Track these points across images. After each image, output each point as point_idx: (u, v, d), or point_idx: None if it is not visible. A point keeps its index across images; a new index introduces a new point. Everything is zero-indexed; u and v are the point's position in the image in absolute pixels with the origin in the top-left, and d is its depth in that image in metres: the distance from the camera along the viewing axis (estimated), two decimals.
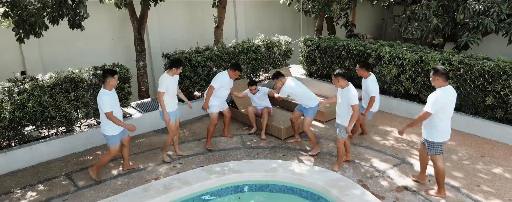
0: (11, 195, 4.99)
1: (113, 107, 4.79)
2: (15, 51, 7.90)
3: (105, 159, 5.15)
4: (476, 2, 7.33)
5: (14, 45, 7.81)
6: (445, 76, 4.35)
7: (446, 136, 4.55)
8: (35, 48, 7.84)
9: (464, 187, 4.96)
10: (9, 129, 5.53)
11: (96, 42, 8.81)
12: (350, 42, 8.15)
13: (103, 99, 4.69)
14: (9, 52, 7.80)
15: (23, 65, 7.98)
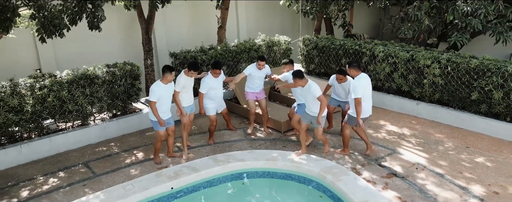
0: (34, 181, 5.47)
1: (160, 99, 5.26)
2: (31, 50, 8.39)
3: (156, 145, 5.62)
4: (464, 3, 7.80)
5: (30, 45, 8.31)
6: (357, 67, 5.54)
7: (366, 114, 5.63)
8: (50, 47, 8.33)
9: (448, 174, 5.44)
10: (31, 122, 6.02)
11: (106, 42, 9.28)
12: (346, 42, 8.63)
13: (153, 90, 5.22)
14: (25, 51, 8.28)
15: (39, 63, 8.47)
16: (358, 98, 5.40)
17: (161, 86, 5.34)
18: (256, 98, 6.73)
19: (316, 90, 5.32)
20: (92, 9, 5.32)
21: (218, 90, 6.18)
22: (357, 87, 5.44)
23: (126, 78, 6.86)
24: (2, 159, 5.78)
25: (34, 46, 8.32)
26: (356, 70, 5.67)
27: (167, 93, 5.47)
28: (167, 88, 5.43)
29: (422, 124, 7.24)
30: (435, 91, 7.26)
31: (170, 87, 5.51)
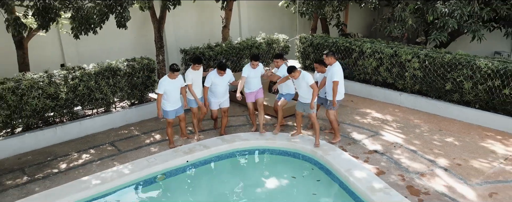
0: (69, 156, 6.45)
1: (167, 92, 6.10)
2: (56, 47, 9.36)
3: (167, 131, 6.49)
4: (443, 5, 8.78)
5: (55, 42, 9.27)
6: (332, 55, 6.45)
7: (341, 96, 6.53)
8: (72, 44, 9.30)
9: (420, 150, 6.41)
10: (64, 107, 6.99)
11: (122, 40, 10.20)
12: (338, 40, 9.61)
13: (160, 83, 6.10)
14: (51, 48, 9.25)
15: (63, 58, 9.44)
16: (336, 81, 6.28)
17: (168, 81, 6.12)
18: (255, 97, 7.02)
19: (309, 79, 6.24)
20: (120, 10, 6.30)
21: (220, 87, 6.67)
22: (336, 72, 6.32)
23: (143, 71, 7.83)
24: (40, 138, 6.76)
25: (59, 43, 9.29)
26: (334, 58, 6.45)
27: (174, 87, 6.22)
28: (174, 83, 6.20)
29: (403, 111, 8.22)
30: (415, 83, 8.24)
31: (177, 83, 6.26)
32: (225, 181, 6.00)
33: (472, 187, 5.30)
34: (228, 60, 9.22)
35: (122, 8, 6.24)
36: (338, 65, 6.48)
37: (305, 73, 6.27)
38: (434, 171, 5.75)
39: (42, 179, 5.72)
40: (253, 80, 6.93)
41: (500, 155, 6.19)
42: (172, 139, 6.62)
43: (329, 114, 6.63)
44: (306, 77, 6.20)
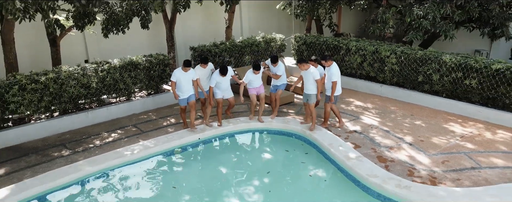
0: (101, 135, 7.76)
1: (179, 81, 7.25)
2: (81, 44, 10.66)
3: (181, 115, 7.70)
4: (418, 9, 10.08)
5: (80, 40, 10.57)
6: (330, 58, 7.42)
7: (339, 92, 7.59)
8: (95, 42, 10.60)
9: (392, 130, 7.72)
10: (94, 95, 8.30)
11: (137, 38, 11.46)
12: (328, 39, 10.92)
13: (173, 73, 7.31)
14: (77, 45, 10.54)
15: (86, 54, 10.74)
16: (335, 81, 7.48)
17: (181, 72, 7.31)
18: (257, 93, 8.07)
19: (316, 74, 7.35)
20: (144, 14, 7.61)
21: (223, 84, 7.70)
22: (334, 73, 7.53)
23: (159, 66, 9.14)
24: (75, 121, 8.06)
25: (83, 41, 10.59)
26: (331, 61, 7.55)
27: (185, 79, 7.35)
28: (185, 75, 7.36)
29: (383, 100, 9.54)
30: (393, 76, 9.55)
31: (188, 75, 7.40)
32: (230, 153, 7.32)
33: (429, 157, 6.62)
34: (231, 57, 10.52)
35: (146, 12, 7.55)
36: (335, 66, 7.52)
37: (313, 69, 7.41)
38: (400, 145, 7.07)
39: (81, 152, 7.03)
40: (255, 82, 8.00)
41: (458, 134, 7.51)
42: (185, 121, 7.90)
43: (326, 106, 7.75)
44: (314, 73, 7.35)
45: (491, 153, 6.70)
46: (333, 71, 7.49)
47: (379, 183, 5.67)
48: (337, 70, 7.55)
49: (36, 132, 7.61)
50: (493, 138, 7.29)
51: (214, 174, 6.54)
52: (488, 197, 5.26)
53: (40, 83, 7.40)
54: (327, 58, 7.54)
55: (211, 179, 6.39)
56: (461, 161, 6.45)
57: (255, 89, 8.11)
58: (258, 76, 7.91)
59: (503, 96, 7.81)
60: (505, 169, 6.14)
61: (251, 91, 8.11)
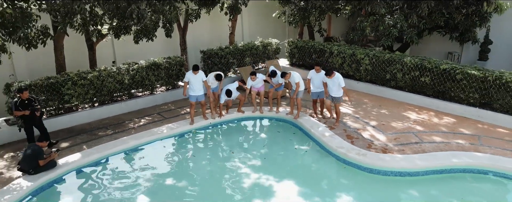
0: (133, 120, 9.87)
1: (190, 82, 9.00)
2: (109, 48, 12.79)
3: (190, 111, 9.59)
4: (389, 19, 12.19)
5: (109, 45, 12.68)
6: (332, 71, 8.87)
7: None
8: (122, 47, 12.71)
9: (362, 117, 9.85)
10: (126, 89, 10.41)
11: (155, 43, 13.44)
12: (315, 44, 13.05)
13: (186, 75, 9.22)
14: (106, 49, 12.67)
15: (114, 56, 12.86)
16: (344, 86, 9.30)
17: (191, 74, 9.06)
18: (259, 91, 9.89)
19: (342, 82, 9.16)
20: (168, 26, 9.74)
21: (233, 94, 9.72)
22: (342, 80, 9.35)
23: (176, 66, 11.25)
24: (111, 110, 10.18)
25: (111, 45, 12.71)
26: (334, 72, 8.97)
27: (195, 80, 9.06)
28: (196, 77, 9.12)
29: (359, 94, 11.66)
30: (367, 74, 11.68)
31: (198, 77, 9.15)
32: (235, 133, 9.46)
33: (385, 135, 8.75)
34: (234, 59, 12.63)
35: (169, 24, 9.70)
36: (339, 75, 8.97)
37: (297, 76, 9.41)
38: (366, 128, 9.20)
39: (121, 132, 9.15)
40: (256, 85, 9.84)
41: (412, 119, 9.64)
42: (192, 117, 9.69)
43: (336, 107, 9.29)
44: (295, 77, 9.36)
45: (433, 133, 8.84)
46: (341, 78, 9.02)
47: (344, 152, 7.79)
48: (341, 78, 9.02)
49: (83, 118, 9.73)
50: (438, 122, 9.44)
51: (223, 147, 8.69)
52: (418, 161, 7.40)
53: (87, 80, 9.52)
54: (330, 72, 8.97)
55: (221, 150, 8.54)
56: (409, 138, 8.59)
57: (256, 89, 10.00)
58: (257, 81, 9.73)
59: (449, 90, 9.95)
60: (440, 144, 8.28)
61: (253, 90, 10.03)
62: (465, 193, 6.86)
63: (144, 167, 7.81)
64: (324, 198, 6.72)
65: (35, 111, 7.67)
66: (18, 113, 7.53)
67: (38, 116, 7.85)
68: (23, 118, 7.72)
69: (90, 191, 7.00)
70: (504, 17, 13.98)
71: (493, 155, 7.65)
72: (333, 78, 8.95)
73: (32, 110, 7.59)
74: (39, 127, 8.01)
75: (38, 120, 7.96)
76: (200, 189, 7.10)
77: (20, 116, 7.73)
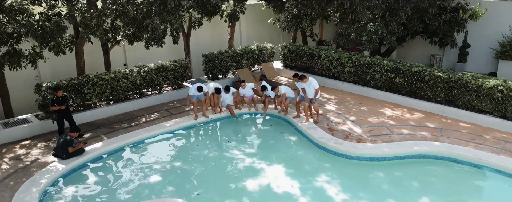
0: (144, 116, 11.33)
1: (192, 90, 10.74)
2: (121, 52, 14.25)
3: (193, 108, 11.14)
4: (371, 26, 13.67)
5: (121, 49, 14.15)
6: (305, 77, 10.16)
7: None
8: (131, 51, 14.18)
9: (343, 113, 11.32)
10: (137, 89, 11.89)
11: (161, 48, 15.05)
12: (305, 48, 14.53)
13: (189, 87, 10.86)
14: (118, 53, 14.14)
15: (125, 59, 14.33)
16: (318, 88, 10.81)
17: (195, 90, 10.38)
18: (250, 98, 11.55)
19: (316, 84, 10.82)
20: (175, 34, 11.22)
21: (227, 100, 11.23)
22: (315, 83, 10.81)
23: (181, 68, 12.72)
24: (125, 107, 11.65)
25: (123, 50, 14.17)
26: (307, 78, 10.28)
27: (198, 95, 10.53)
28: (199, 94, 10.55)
29: (343, 94, 13.13)
30: (351, 75, 13.15)
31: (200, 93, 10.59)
32: (234, 126, 10.91)
33: (361, 128, 10.21)
34: (233, 61, 14.09)
35: (176, 32, 11.18)
36: (313, 79, 10.39)
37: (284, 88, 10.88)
38: (345, 122, 10.67)
39: (135, 126, 10.62)
40: (246, 93, 11.41)
41: (386, 115, 11.11)
42: (196, 114, 11.16)
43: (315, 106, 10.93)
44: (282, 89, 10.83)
45: (403, 126, 10.31)
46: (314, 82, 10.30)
47: (325, 142, 9.26)
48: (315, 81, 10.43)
49: (101, 114, 11.20)
50: (409, 117, 10.91)
51: (223, 137, 10.16)
52: (386, 148, 8.87)
53: (105, 81, 10.99)
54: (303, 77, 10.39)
55: (221, 140, 10.00)
56: (381, 130, 10.06)
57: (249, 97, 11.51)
58: (247, 89, 11.42)
59: (420, 89, 11.42)
60: (406, 135, 9.75)
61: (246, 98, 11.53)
62: (423, 174, 8.32)
63: (154, 154, 9.29)
64: (306, 178, 8.18)
65: (68, 106, 9.17)
66: (54, 108, 9.02)
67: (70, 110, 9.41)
68: (57, 112, 9.20)
69: (111, 173, 8.47)
70: (481, 23, 15.48)
71: (450, 144, 9.12)
72: (308, 82, 10.24)
73: (66, 106, 9.08)
74: (69, 120, 9.49)
75: (69, 114, 9.45)
76: (203, 172, 8.56)
77: (55, 110, 9.21)
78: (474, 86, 10.21)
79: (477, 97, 10.26)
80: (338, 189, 7.71)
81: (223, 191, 7.73)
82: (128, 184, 8.04)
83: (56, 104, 9.00)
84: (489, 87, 9.93)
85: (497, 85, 9.81)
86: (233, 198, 7.50)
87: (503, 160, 8.27)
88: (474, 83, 10.21)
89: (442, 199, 7.40)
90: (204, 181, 8.20)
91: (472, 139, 9.45)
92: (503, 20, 15.33)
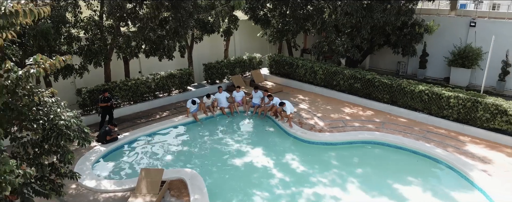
0: (158, 113, 14.58)
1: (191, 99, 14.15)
2: (136, 62, 17.50)
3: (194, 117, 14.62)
4: (338, 40, 16.94)
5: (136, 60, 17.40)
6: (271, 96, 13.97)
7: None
8: (146, 61, 17.42)
9: (312, 111, 14.60)
10: (152, 92, 15.15)
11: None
12: (286, 58, 17.82)
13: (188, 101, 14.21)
14: (134, 63, 17.35)
15: (140, 67, 17.58)
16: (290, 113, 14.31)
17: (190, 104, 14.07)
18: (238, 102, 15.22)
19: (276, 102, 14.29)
20: (182, 48, 14.48)
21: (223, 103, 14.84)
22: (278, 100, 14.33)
23: (186, 75, 15.99)
24: (142, 107, 14.88)
25: (139, 61, 17.42)
26: (272, 97, 14.40)
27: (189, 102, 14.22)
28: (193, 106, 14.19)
29: (316, 96, 16.42)
30: (321, 81, 16.45)
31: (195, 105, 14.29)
32: (227, 122, 14.17)
33: (324, 122, 13.50)
34: (228, 69, 17.37)
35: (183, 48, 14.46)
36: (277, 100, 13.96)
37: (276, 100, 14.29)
38: (313, 118, 13.95)
39: (152, 120, 13.86)
40: (237, 96, 14.98)
41: (345, 112, 14.40)
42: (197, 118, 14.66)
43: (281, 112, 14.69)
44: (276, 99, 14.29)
45: (356, 120, 13.59)
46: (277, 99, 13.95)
47: (294, 132, 12.55)
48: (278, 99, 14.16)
49: (125, 111, 14.44)
50: (362, 114, 14.20)
51: (219, 129, 13.44)
52: (338, 136, 12.17)
53: (128, 86, 14.25)
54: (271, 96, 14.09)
55: (217, 131, 13.27)
56: (338, 124, 13.35)
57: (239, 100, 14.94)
58: (238, 94, 14.82)
59: (372, 92, 14.72)
60: (356, 127, 13.03)
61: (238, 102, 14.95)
62: (362, 154, 11.59)
63: (167, 140, 12.56)
64: (278, 157, 11.44)
65: (112, 105, 12.51)
66: (102, 104, 12.35)
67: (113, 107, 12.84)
68: (103, 108, 12.48)
69: (136, 153, 11.71)
70: (437, 35, 18.84)
71: (385, 133, 12.40)
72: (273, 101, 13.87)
73: (110, 104, 12.40)
74: (110, 115, 12.76)
75: (111, 111, 12.74)
76: (202, 152, 11.80)
77: (101, 106, 12.50)
78: (409, 90, 13.52)
79: (411, 99, 13.57)
80: (301, 164, 10.98)
81: (218, 166, 10.99)
82: (149, 160, 11.30)
83: (103, 102, 12.30)
84: (419, 91, 13.24)
85: (425, 90, 13.12)
86: (225, 170, 10.76)
87: (419, 144, 11.56)
88: (409, 88, 13.52)
89: (373, 169, 10.68)
90: (203, 158, 11.46)
91: (404, 130, 12.76)
92: (455, 33, 18.65)
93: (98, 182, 9.65)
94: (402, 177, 10.17)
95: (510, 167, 10.30)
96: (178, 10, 12.47)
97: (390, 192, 9.54)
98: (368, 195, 9.43)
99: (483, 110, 11.87)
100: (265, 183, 10.02)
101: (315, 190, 9.64)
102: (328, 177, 10.27)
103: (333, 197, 9.36)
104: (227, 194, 9.54)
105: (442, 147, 11.37)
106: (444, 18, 19.32)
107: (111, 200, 9.07)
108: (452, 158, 10.61)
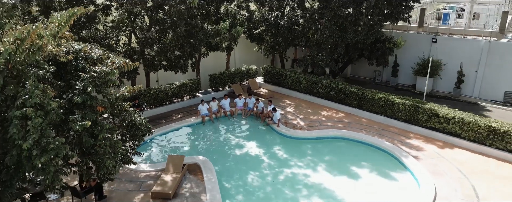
0: (174, 115, 18.38)
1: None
2: (154, 74, 21.28)
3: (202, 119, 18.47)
4: (318, 55, 20.77)
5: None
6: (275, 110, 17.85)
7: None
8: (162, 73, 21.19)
9: (296, 113, 18.41)
10: (169, 97, 18.97)
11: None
12: (277, 69, 21.66)
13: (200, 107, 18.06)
14: (154, 75, 21.18)
15: (157, 77, 21.38)
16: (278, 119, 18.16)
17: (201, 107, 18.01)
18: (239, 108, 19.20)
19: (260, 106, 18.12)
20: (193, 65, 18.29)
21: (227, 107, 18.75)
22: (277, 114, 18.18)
23: (195, 84, 19.82)
24: (161, 110, 18.72)
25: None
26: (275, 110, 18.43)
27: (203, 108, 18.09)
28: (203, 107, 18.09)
29: (301, 101, 20.25)
30: (305, 89, 20.27)
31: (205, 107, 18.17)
32: (228, 123, 17.99)
33: (304, 122, 17.32)
34: (228, 79, 21.20)
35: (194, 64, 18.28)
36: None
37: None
38: (296, 119, 17.78)
39: (171, 121, 17.67)
40: (225, 105, 18.71)
41: (322, 115, 18.22)
42: (204, 120, 18.50)
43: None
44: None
45: (329, 121, 17.42)
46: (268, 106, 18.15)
47: (280, 129, 16.37)
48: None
49: (148, 114, 18.21)
50: (335, 116, 18.03)
51: (222, 128, 17.25)
52: (313, 133, 16.01)
53: (150, 93, 18.07)
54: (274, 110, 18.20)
55: (221, 130, 17.09)
56: (315, 123, 17.17)
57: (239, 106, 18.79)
58: (226, 102, 18.52)
59: (344, 99, 18.55)
60: (329, 126, 16.84)
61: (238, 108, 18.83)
62: (332, 146, 15.40)
63: (183, 136, 16.38)
64: (268, 148, 15.23)
65: (142, 110, 16.30)
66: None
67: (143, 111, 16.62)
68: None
69: (160, 146, 15.52)
70: (406, 48, 22.82)
71: (350, 131, 16.22)
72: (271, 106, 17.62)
73: (140, 109, 16.19)
74: None
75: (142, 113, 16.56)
76: (210, 143, 15.60)
77: None
78: (371, 98, 17.36)
79: (372, 104, 17.41)
80: (284, 153, 14.80)
81: (223, 154, 14.80)
82: (172, 150, 15.12)
83: (134, 107, 16.10)
84: (378, 98, 17.09)
85: (382, 98, 16.97)
86: (228, 157, 14.57)
87: (374, 139, 15.38)
88: (371, 96, 17.36)
89: (338, 157, 14.51)
90: (210, 147, 15.28)
91: (365, 128, 16.59)
92: (420, 47, 22.57)
93: (137, 165, 13.46)
94: (357, 162, 14.00)
95: (436, 155, 14.13)
96: (192, 39, 16.35)
97: (347, 172, 13.37)
98: (331, 174, 13.26)
99: (422, 113, 15.71)
100: (257, 166, 13.83)
101: (292, 170, 13.47)
102: (304, 162, 14.08)
103: (305, 174, 13.19)
104: (230, 173, 13.37)
105: (390, 141, 15.21)
106: (411, 34, 23.20)
107: (148, 177, 12.88)
108: (395, 149, 14.44)
